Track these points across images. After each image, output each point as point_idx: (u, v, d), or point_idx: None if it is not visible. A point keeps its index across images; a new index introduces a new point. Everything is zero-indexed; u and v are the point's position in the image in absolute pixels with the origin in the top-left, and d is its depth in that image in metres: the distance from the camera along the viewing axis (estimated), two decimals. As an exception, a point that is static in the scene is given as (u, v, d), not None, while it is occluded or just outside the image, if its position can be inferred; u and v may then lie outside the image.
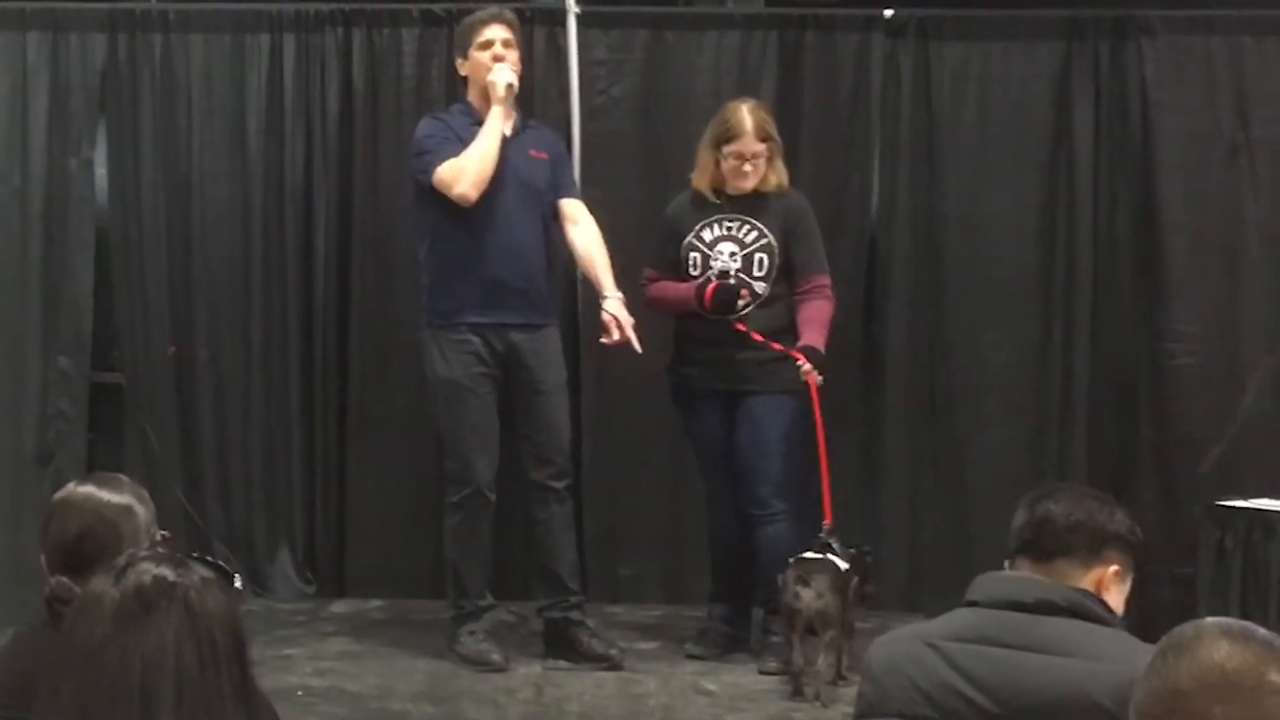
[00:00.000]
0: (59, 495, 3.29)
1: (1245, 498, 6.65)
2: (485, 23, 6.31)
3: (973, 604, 3.11)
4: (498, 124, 6.23)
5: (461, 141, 6.24)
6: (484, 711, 5.90)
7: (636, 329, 6.24)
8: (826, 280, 6.34)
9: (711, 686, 6.11)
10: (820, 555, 5.96)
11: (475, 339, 6.28)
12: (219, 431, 7.48)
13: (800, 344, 6.19)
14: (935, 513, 7.36)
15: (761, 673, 6.21)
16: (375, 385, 7.40)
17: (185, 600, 2.31)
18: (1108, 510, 3.20)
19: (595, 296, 6.44)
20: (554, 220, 6.44)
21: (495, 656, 6.30)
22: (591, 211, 6.51)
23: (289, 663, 6.29)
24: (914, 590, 7.24)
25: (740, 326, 6.24)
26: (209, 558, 2.68)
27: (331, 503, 7.50)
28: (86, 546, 3.12)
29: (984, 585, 3.14)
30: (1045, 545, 3.14)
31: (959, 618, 3.11)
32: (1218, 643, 2.06)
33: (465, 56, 6.36)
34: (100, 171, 7.42)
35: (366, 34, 7.40)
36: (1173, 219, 7.26)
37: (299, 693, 5.89)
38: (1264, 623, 2.13)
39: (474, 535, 6.36)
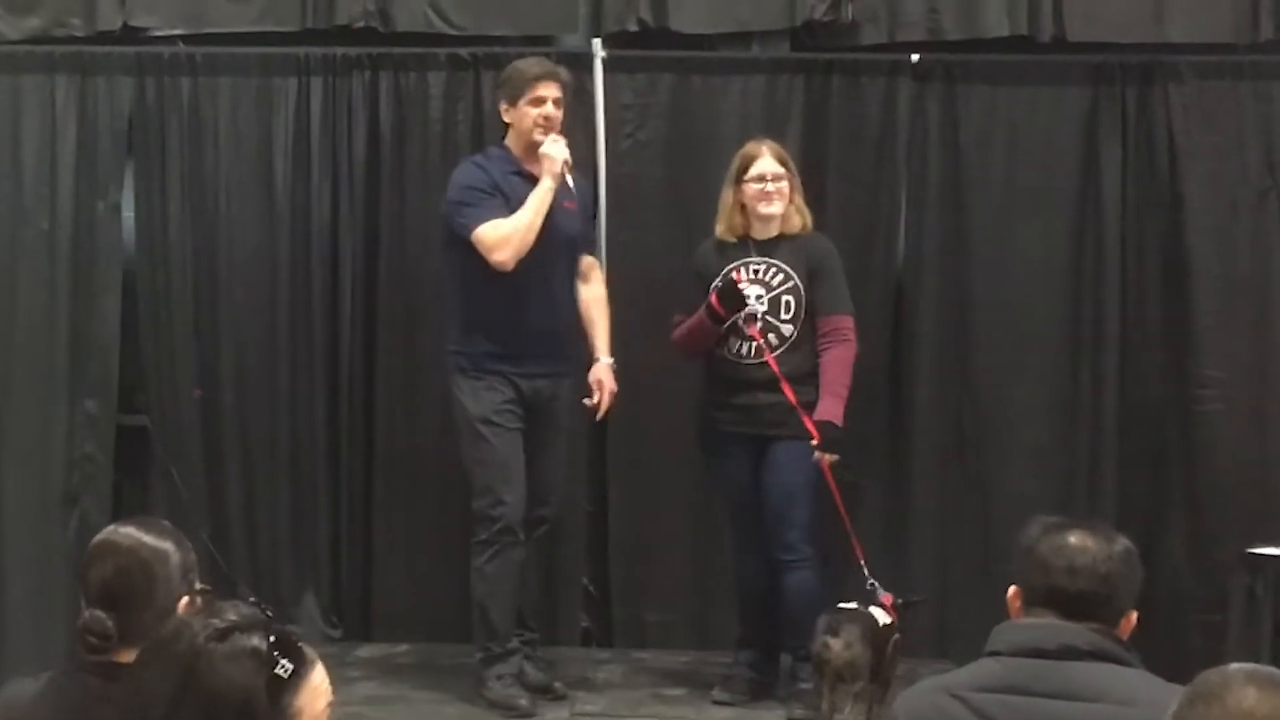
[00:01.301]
0: (100, 536, 3.29)
1: (1276, 545, 6.61)
2: (541, 80, 6.30)
3: (995, 654, 3.09)
4: (547, 200, 6.22)
5: (503, 195, 6.24)
6: (509, 757, 5.87)
7: (662, 376, 6.25)
8: (848, 322, 6.31)
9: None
10: (854, 606, 5.91)
11: (503, 382, 6.28)
12: (245, 475, 7.47)
13: (817, 417, 6.16)
14: (963, 559, 7.32)
15: (789, 719, 6.18)
16: (402, 428, 7.40)
17: (192, 666, 2.26)
18: (1131, 567, 3.18)
19: (611, 346, 6.51)
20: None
21: (523, 702, 6.27)
22: (618, 254, 6.53)
23: (314, 707, 6.26)
24: (942, 637, 7.19)
25: (770, 359, 6.22)
26: (249, 599, 2.59)
27: (358, 546, 7.49)
28: (120, 584, 3.11)
29: (1005, 634, 3.12)
30: (1074, 608, 3.10)
31: (983, 668, 3.09)
32: (1245, 689, 2.05)
33: (513, 104, 6.33)
34: (127, 215, 7.43)
35: (394, 78, 7.42)
36: (1200, 265, 7.23)
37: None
38: None
39: (503, 574, 6.33)
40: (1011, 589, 3.21)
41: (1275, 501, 7.06)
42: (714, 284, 6.29)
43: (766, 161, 6.31)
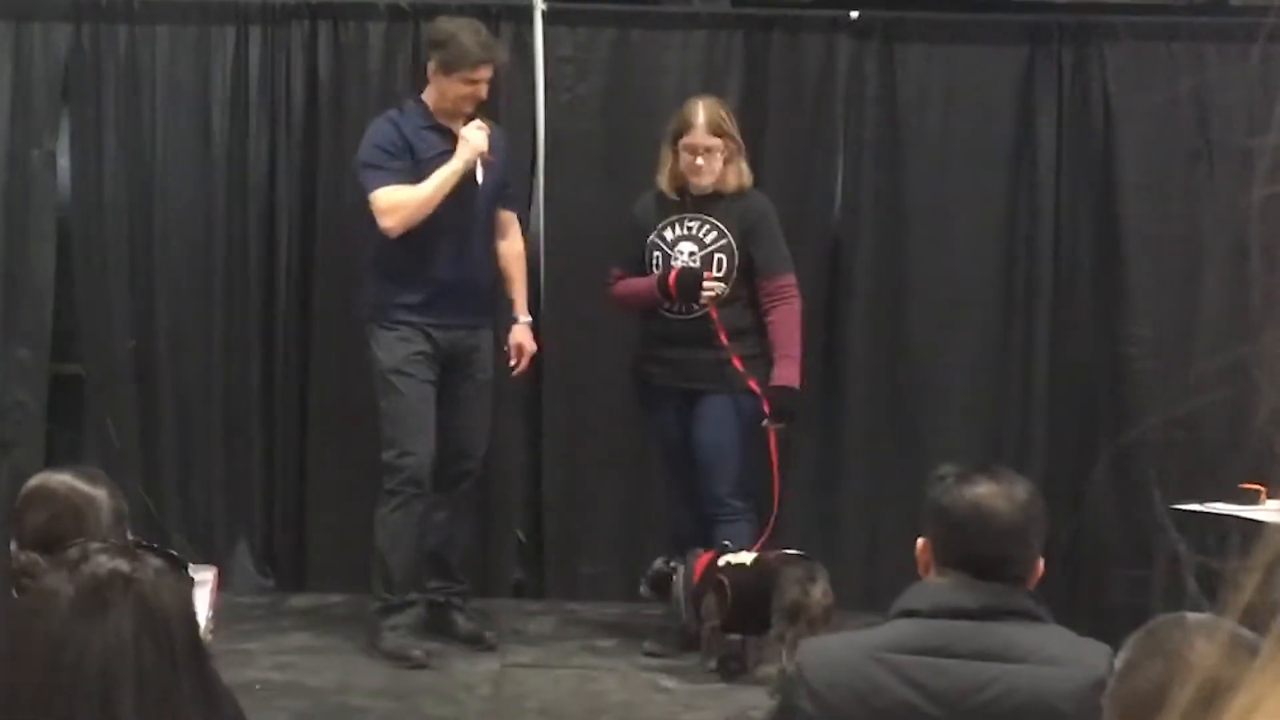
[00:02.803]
0: (34, 481, 3.33)
1: (1202, 501, 6.69)
2: (482, 63, 6.25)
3: (912, 613, 3.07)
4: (451, 181, 6.20)
5: (411, 152, 6.23)
6: (443, 708, 5.90)
7: (598, 328, 6.27)
8: (790, 279, 6.37)
9: (670, 684, 6.13)
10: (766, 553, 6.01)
11: (417, 334, 6.30)
12: (179, 425, 7.45)
13: (774, 383, 6.22)
14: (893, 514, 7.37)
15: (722, 669, 6.22)
16: (336, 379, 7.38)
17: (140, 594, 2.30)
18: (1038, 512, 3.16)
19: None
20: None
21: (416, 652, 6.31)
22: (555, 209, 6.54)
23: (248, 657, 6.27)
24: (872, 591, 7.23)
25: (715, 314, 6.26)
26: (159, 547, 2.67)
27: (291, 496, 7.49)
28: (53, 530, 3.14)
29: (924, 594, 3.09)
30: (989, 567, 3.08)
31: (902, 629, 3.05)
32: (1199, 640, 2.07)
33: (444, 73, 6.27)
34: (63, 162, 7.38)
35: (332, 27, 7.39)
36: (1132, 224, 7.30)
37: (257, 687, 5.88)
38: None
39: (404, 525, 6.36)
40: (921, 542, 3.15)
41: (1202, 459, 7.14)
42: (669, 258, 6.30)
43: (699, 133, 6.30)
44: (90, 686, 2.25)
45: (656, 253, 6.37)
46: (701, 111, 6.35)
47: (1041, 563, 3.13)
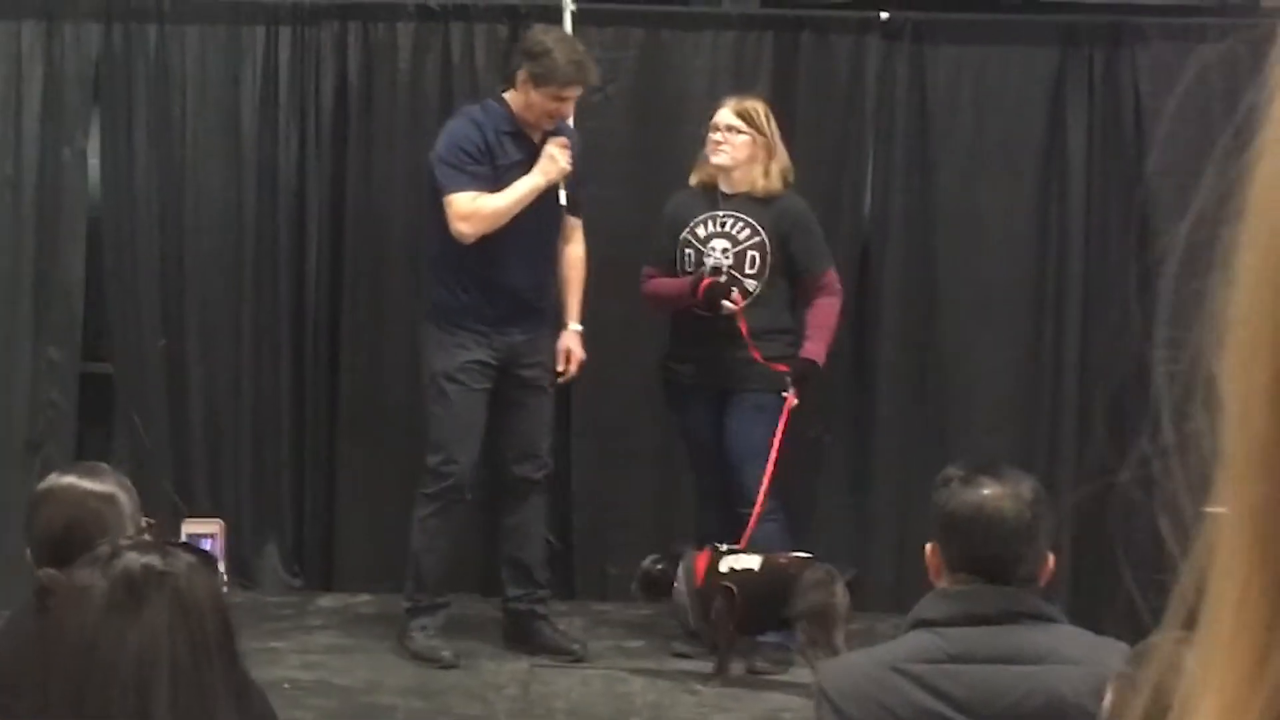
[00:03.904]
0: (42, 486, 3.28)
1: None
2: (572, 84, 6.21)
3: (928, 624, 3.08)
4: (530, 197, 6.18)
5: (491, 159, 6.20)
6: (471, 707, 5.91)
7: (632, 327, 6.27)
8: (834, 276, 6.41)
9: (699, 685, 6.12)
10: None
11: (477, 341, 6.29)
12: (208, 424, 7.46)
13: (801, 354, 6.22)
14: (923, 516, 7.33)
15: (750, 672, 6.22)
16: (366, 380, 7.40)
17: (175, 589, 2.31)
18: (1044, 509, 3.16)
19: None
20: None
21: (445, 654, 6.32)
22: (584, 209, 6.53)
23: (276, 656, 6.29)
24: (900, 593, 7.21)
25: (742, 321, 6.25)
26: (190, 543, 2.67)
27: (320, 496, 7.50)
28: (73, 537, 3.10)
29: (938, 604, 3.10)
30: (999, 568, 3.09)
31: (920, 640, 3.07)
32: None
33: (533, 84, 6.19)
34: (93, 161, 7.40)
35: (362, 28, 7.39)
36: (1163, 226, 7.26)
37: (286, 686, 5.89)
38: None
39: (443, 531, 6.38)
40: (929, 546, 3.18)
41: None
42: (702, 256, 6.29)
43: (724, 113, 6.32)
44: (126, 682, 2.25)
45: (689, 250, 6.36)
46: (732, 98, 6.38)
47: (1051, 559, 3.14)
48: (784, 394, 6.21)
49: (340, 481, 7.48)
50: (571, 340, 6.49)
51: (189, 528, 6.86)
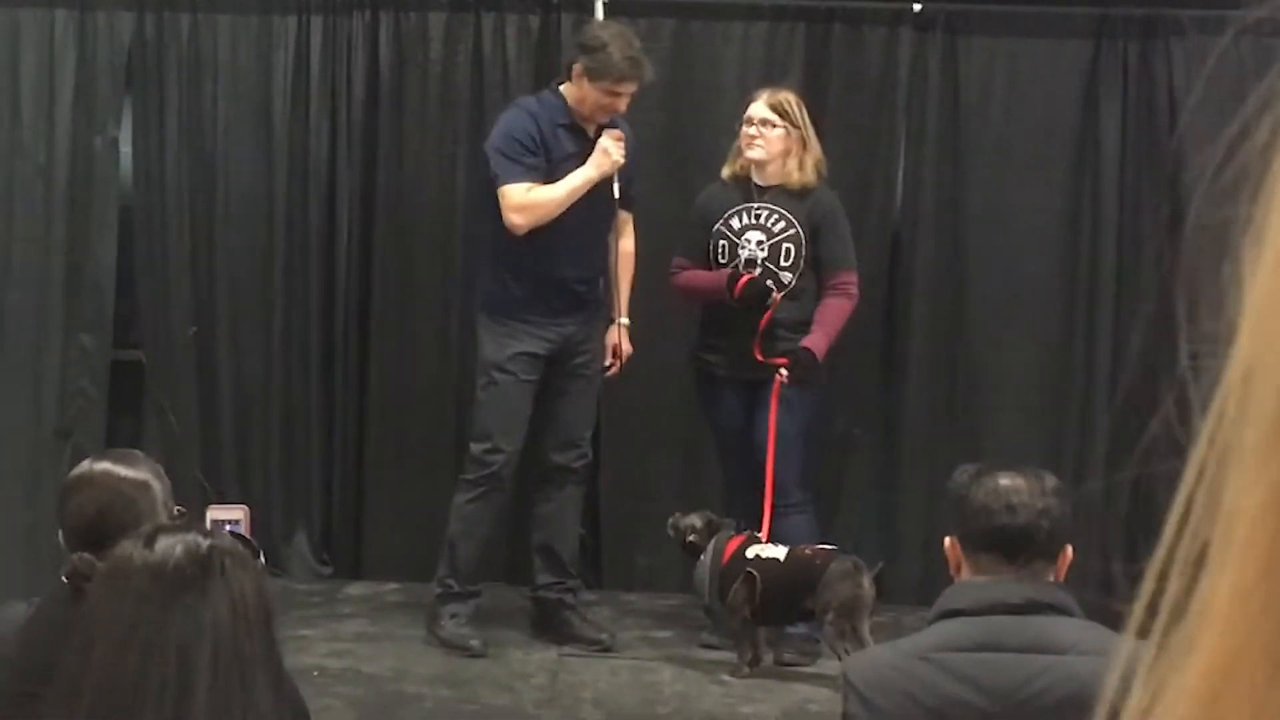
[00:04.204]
0: (76, 472, 3.29)
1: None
2: (627, 80, 6.19)
3: (955, 613, 3.09)
4: (583, 189, 6.18)
5: (546, 151, 6.20)
6: (499, 696, 5.92)
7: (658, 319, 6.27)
8: (852, 278, 6.34)
9: (727, 676, 6.12)
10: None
11: (529, 332, 6.30)
12: (238, 412, 7.49)
13: (802, 343, 6.18)
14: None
15: (778, 663, 6.22)
16: (395, 368, 7.41)
17: (222, 566, 2.32)
18: (1063, 501, 3.19)
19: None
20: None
21: (474, 642, 6.33)
22: (637, 203, 6.54)
23: (305, 644, 6.31)
24: (927, 587, 7.20)
25: (768, 315, 6.23)
26: (231, 530, 2.69)
27: (349, 484, 7.52)
28: (106, 523, 3.12)
29: (965, 593, 3.12)
30: (1017, 547, 3.12)
31: (947, 629, 3.09)
32: None
33: (589, 80, 6.19)
34: (125, 150, 7.43)
35: (394, 18, 7.40)
36: (1197, 220, 7.22)
37: (315, 673, 5.91)
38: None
39: (481, 519, 6.39)
40: (948, 540, 3.22)
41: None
42: (736, 248, 6.28)
43: (757, 106, 6.29)
44: (168, 656, 2.26)
45: (723, 241, 6.34)
46: (765, 91, 6.35)
47: (1070, 550, 3.16)
48: (781, 372, 6.17)
49: (368, 469, 7.49)
50: (620, 335, 6.49)
51: (214, 513, 6.90)
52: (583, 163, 6.20)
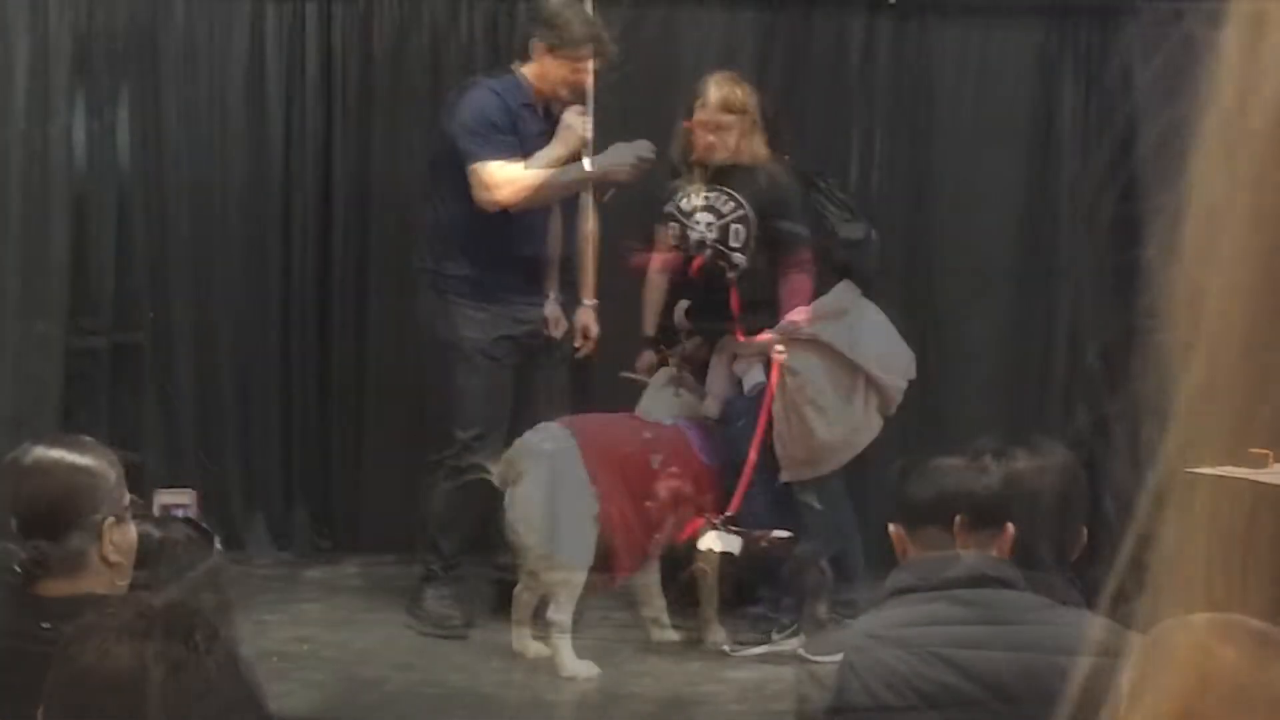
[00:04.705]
0: (29, 458, 3.20)
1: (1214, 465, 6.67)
2: (588, 44, 6.18)
3: (909, 590, 3.11)
4: (571, 188, 6.19)
5: (516, 134, 6.17)
6: (461, 678, 5.92)
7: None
8: (808, 254, 6.33)
9: (688, 657, 6.13)
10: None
11: (508, 314, 6.30)
12: (236, 390, 7.50)
13: (787, 318, 6.19)
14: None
15: (735, 643, 6.21)
16: (391, 349, 7.37)
17: (171, 558, 2.30)
18: (1006, 482, 3.21)
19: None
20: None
21: (456, 621, 6.31)
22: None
23: (264, 628, 6.28)
24: (892, 564, 7.22)
25: (734, 293, 6.23)
26: (181, 515, 2.66)
27: (348, 460, 7.55)
28: (61, 510, 3.08)
29: (915, 570, 3.14)
30: (951, 510, 3.18)
31: (902, 605, 3.13)
32: (1214, 644, 2.03)
33: (549, 50, 6.19)
34: (123, 135, 7.38)
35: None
36: (1154, 200, 7.26)
37: (304, 647, 5.96)
38: (1237, 589, 2.10)
39: (463, 502, 6.35)
40: (891, 528, 3.27)
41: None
42: (686, 230, 6.29)
43: (711, 110, 6.24)
44: (120, 655, 2.24)
45: (673, 224, 6.34)
46: (715, 90, 6.27)
47: (1011, 528, 3.18)
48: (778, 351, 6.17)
49: (367, 445, 7.52)
50: (587, 316, 6.46)
51: (162, 498, 6.80)
52: (548, 142, 6.18)
